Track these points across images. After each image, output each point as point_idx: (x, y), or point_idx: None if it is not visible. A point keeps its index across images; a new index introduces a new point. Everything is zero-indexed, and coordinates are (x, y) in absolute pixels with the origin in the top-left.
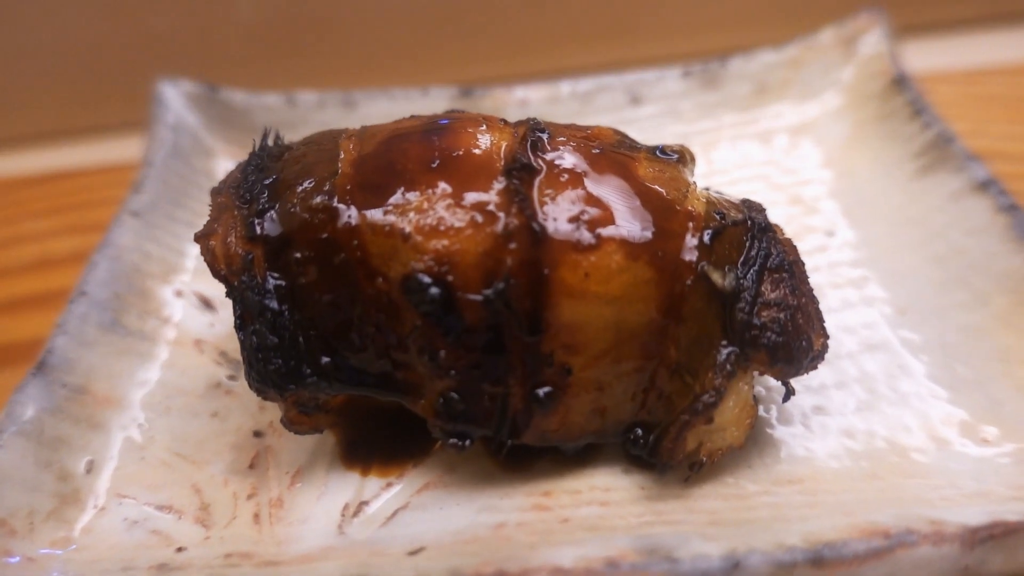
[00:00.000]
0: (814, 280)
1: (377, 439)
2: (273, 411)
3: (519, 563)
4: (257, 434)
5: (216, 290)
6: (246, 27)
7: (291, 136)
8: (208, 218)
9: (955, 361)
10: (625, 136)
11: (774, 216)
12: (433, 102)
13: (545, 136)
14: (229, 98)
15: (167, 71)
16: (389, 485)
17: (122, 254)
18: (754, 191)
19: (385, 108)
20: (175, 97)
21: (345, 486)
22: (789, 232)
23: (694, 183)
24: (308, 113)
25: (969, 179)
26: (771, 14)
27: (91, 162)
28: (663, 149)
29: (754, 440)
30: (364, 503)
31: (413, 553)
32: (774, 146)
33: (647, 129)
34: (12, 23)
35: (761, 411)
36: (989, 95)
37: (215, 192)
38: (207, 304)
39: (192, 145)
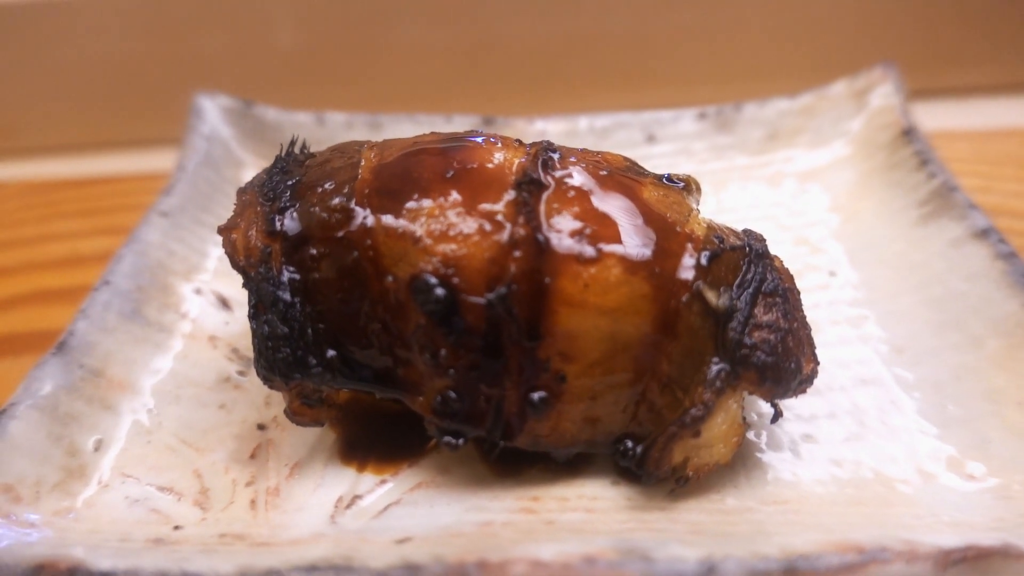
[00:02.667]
0: (813, 316)
1: (375, 438)
2: (277, 407)
3: (501, 554)
4: (261, 427)
5: (234, 290)
6: (284, 53)
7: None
8: (233, 213)
9: (946, 399)
10: (634, 163)
11: (779, 254)
12: (456, 129)
13: (556, 156)
14: (262, 114)
15: (206, 89)
16: (383, 482)
17: (148, 250)
18: (761, 230)
19: (410, 131)
20: (211, 110)
21: (341, 480)
22: (792, 270)
23: (697, 209)
24: (336, 132)
25: (969, 227)
26: (787, 69)
27: (127, 171)
28: (670, 177)
29: (743, 462)
30: (358, 497)
31: (400, 542)
32: (783, 189)
33: (660, 167)
34: (63, 39)
35: (751, 435)
36: (1002, 154)
37: (241, 191)
38: (224, 303)
39: (224, 155)
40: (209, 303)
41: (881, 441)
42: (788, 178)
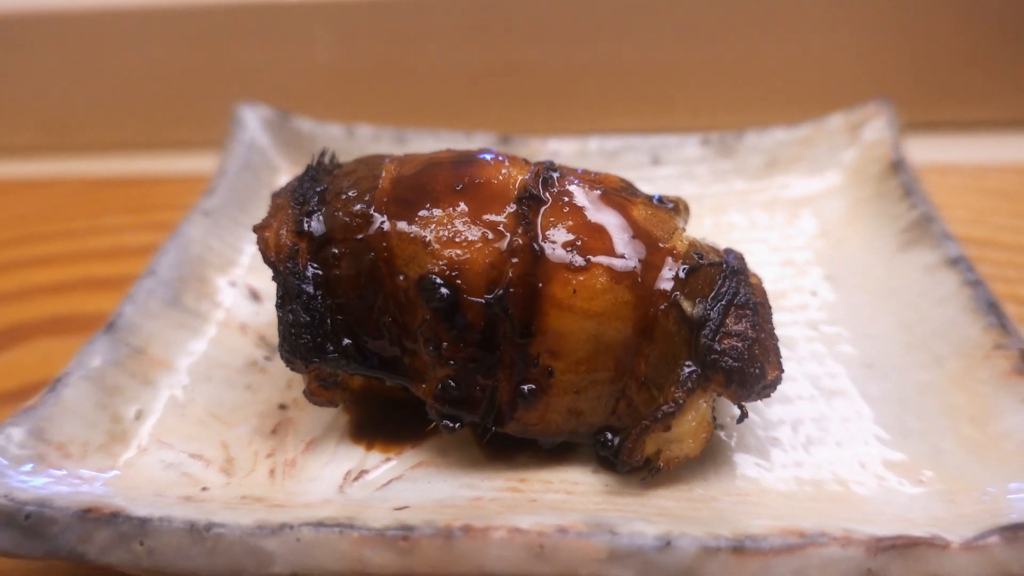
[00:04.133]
0: (791, 333)
1: (383, 421)
2: (297, 389)
3: (484, 522)
4: (282, 407)
5: (264, 284)
6: (320, 69)
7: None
8: (267, 214)
9: (907, 413)
10: (629, 184)
11: (766, 274)
12: (474, 145)
13: (556, 175)
14: (298, 125)
15: (247, 100)
16: (388, 459)
17: (189, 245)
18: (753, 251)
19: (432, 146)
20: (252, 119)
21: (350, 457)
22: (777, 289)
23: (682, 228)
24: (364, 144)
25: (943, 255)
26: (787, 101)
27: (170, 172)
28: (661, 198)
29: (713, 459)
30: (364, 471)
31: (398, 509)
32: (777, 214)
33: (664, 188)
34: (118, 47)
35: (724, 436)
36: (994, 188)
37: (275, 195)
38: (255, 296)
39: (261, 161)
40: (241, 295)
41: (842, 447)
42: (783, 203)
